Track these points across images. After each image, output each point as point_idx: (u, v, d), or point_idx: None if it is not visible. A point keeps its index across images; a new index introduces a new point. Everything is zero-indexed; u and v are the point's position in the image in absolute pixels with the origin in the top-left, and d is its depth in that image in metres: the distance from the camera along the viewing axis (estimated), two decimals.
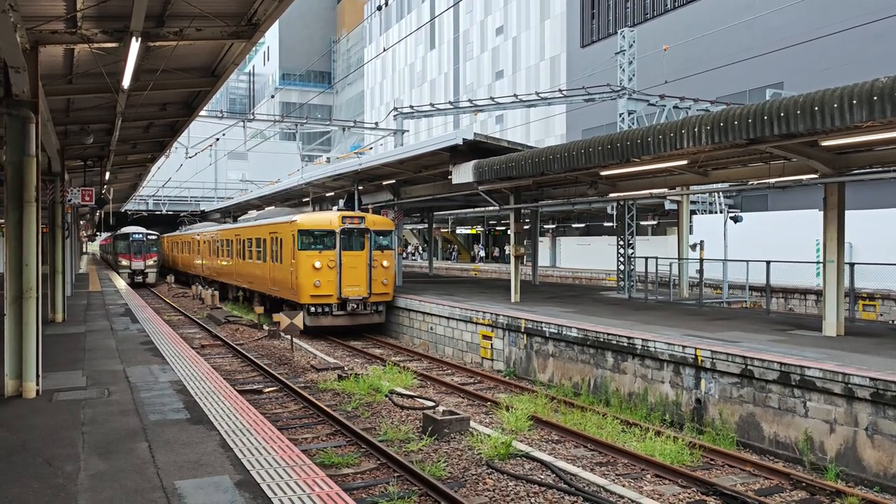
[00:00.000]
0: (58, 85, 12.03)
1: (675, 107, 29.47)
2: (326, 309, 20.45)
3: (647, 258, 21.91)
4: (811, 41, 26.09)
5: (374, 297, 21.05)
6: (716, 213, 33.49)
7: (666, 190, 18.20)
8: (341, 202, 27.93)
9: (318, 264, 20.33)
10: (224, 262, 32.27)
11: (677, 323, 14.97)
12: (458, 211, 38.62)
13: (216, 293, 30.30)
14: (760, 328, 14.24)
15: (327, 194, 32.99)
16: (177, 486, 5.95)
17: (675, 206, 27.10)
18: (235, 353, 17.66)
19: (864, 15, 27.81)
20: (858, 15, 28.80)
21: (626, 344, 12.97)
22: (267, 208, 35.23)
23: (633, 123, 27.22)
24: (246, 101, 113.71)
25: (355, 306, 20.68)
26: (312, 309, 20.30)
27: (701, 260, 22.03)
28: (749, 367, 10.68)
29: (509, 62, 61.27)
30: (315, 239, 20.82)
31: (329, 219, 21.10)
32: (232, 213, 49.79)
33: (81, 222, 46.18)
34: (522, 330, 15.75)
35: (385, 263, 21.32)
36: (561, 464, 9.14)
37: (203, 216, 53.65)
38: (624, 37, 28.79)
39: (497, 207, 21.68)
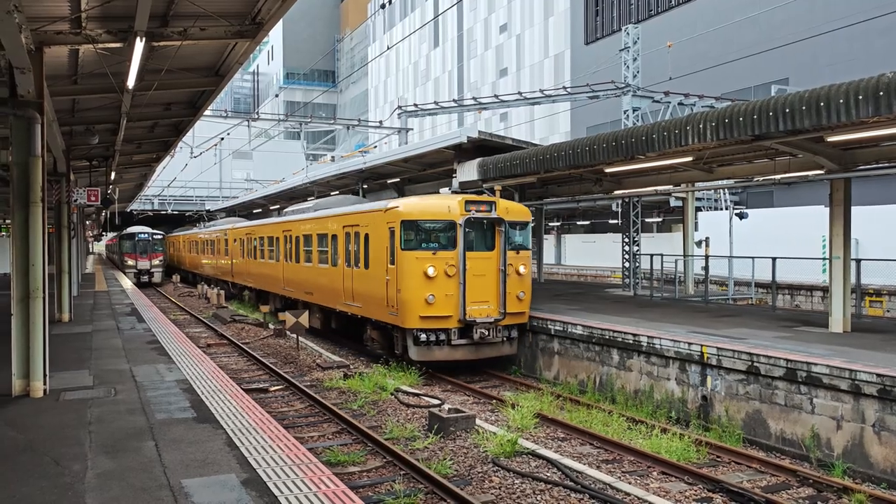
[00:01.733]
0: (63, 85, 12.08)
1: (680, 103, 29.42)
2: (442, 336, 14.58)
3: (652, 255, 21.88)
4: (816, 37, 26.00)
5: (509, 317, 15.11)
6: (721, 209, 33.42)
7: (671, 187, 18.18)
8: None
9: (431, 271, 14.41)
10: (265, 266, 25.56)
11: (683, 320, 14.94)
12: None
13: (222, 292, 30.31)
14: (766, 325, 14.20)
15: (332, 193, 33.02)
16: (184, 485, 5.97)
17: (680, 203, 27.07)
18: (241, 352, 17.70)
19: (869, 10, 27.69)
20: (863, 10, 28.68)
21: (631, 341, 12.95)
22: (331, 196, 26.86)
23: (637, 120, 27.16)
24: (250, 100, 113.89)
25: (485, 332, 14.75)
26: (423, 337, 14.49)
27: (706, 257, 21.99)
28: (755, 364, 10.66)
29: (513, 60, 61.21)
30: (427, 234, 14.90)
31: (446, 205, 14.99)
32: (237, 211, 49.85)
33: (87, 222, 46.36)
34: (528, 328, 15.74)
35: (522, 269, 15.42)
36: (567, 461, 9.14)
37: (214, 213, 53.32)
38: (628, 33, 28.71)
39: None
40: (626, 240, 24.46)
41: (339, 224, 18.14)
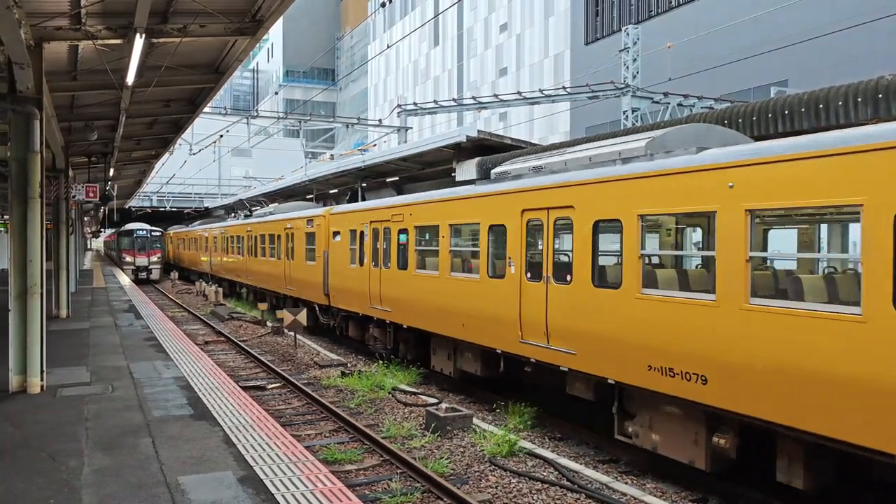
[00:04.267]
0: (62, 81, 12.08)
1: (679, 104, 29.46)
2: None
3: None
4: (817, 38, 26.00)
5: None
6: None
7: None
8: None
9: None
10: (438, 285, 12.79)
11: None
12: None
13: (220, 289, 30.27)
14: None
15: (330, 191, 33.04)
16: (180, 482, 5.97)
17: None
18: (239, 350, 17.69)
19: (871, 12, 27.71)
20: (866, 12, 28.71)
21: None
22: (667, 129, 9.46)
23: (636, 121, 27.18)
24: (250, 97, 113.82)
25: None
26: None
27: None
28: None
29: (513, 59, 61.20)
30: None
31: None
32: (235, 209, 49.68)
33: (86, 218, 46.36)
34: None
35: None
36: (564, 461, 9.14)
37: (255, 199, 50.34)
38: (628, 34, 28.75)
39: None
40: None
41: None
